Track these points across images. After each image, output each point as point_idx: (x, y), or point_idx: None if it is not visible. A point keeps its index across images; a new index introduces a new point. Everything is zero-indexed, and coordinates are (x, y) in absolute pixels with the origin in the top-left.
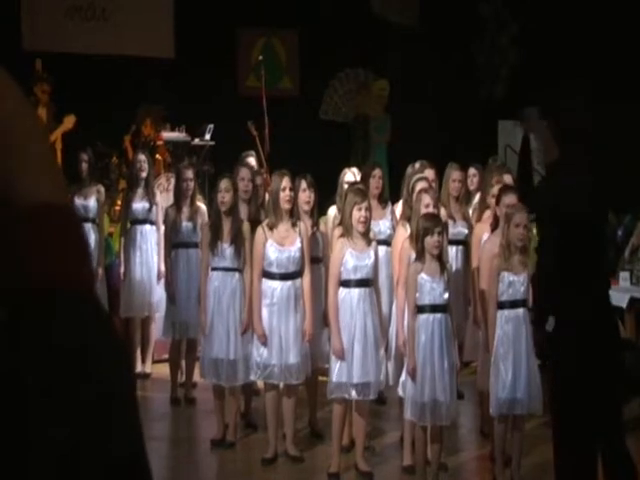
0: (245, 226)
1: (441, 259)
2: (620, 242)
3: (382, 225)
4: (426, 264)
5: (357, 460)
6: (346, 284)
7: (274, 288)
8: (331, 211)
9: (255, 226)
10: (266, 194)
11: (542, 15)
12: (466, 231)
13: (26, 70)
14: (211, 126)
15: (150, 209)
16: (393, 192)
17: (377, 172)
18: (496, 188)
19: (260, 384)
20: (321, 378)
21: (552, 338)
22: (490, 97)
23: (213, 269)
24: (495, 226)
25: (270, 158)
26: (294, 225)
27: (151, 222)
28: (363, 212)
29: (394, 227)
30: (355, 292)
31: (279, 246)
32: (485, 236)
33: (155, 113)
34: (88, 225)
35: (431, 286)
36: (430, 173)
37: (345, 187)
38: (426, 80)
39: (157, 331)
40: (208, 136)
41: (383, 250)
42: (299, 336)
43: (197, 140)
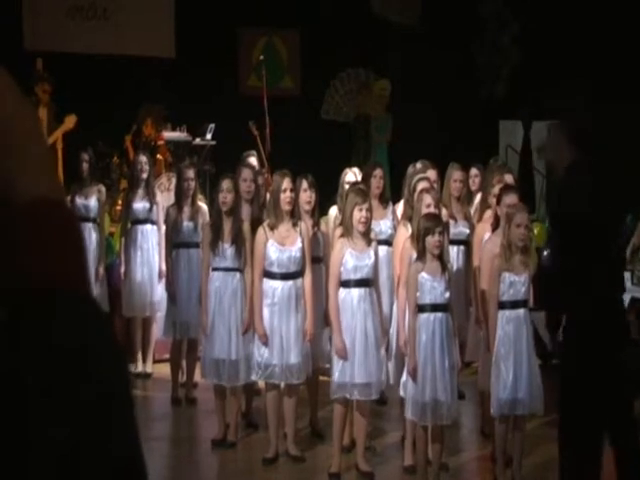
0: (245, 226)
1: (442, 259)
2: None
3: (383, 225)
4: (427, 264)
5: (358, 460)
6: (346, 284)
7: (275, 288)
8: (332, 211)
9: (257, 226)
10: (267, 194)
11: (543, 14)
12: (467, 231)
13: (27, 70)
14: (212, 126)
15: (151, 209)
16: (394, 192)
17: (378, 172)
18: (497, 188)
19: (261, 384)
20: (322, 378)
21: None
22: (491, 97)
23: (214, 269)
24: (496, 226)
25: (271, 158)
26: (295, 225)
27: (152, 222)
28: (364, 212)
29: (395, 227)
30: (355, 292)
31: (280, 246)
32: (486, 236)
33: (156, 113)
34: (89, 225)
35: (432, 285)
36: (432, 173)
37: (346, 187)
38: (427, 80)
39: (158, 331)
40: (209, 136)
41: (384, 250)
42: (300, 336)
43: (198, 140)
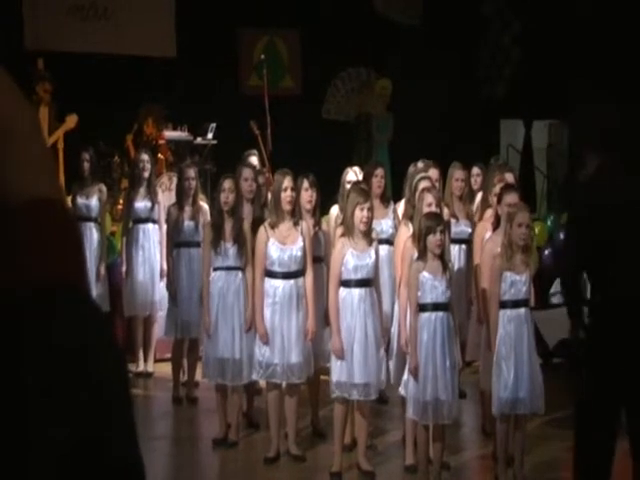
0: (245, 225)
1: (443, 258)
2: None
3: (384, 224)
4: (428, 263)
5: (359, 459)
6: (346, 284)
7: (276, 287)
8: (333, 210)
9: (258, 226)
10: (268, 193)
11: (544, 14)
12: (469, 230)
13: (28, 69)
14: (213, 125)
15: (152, 208)
16: (395, 191)
17: (379, 171)
18: (498, 187)
19: (262, 383)
20: (323, 377)
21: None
22: (492, 96)
23: (216, 269)
24: (497, 225)
25: (272, 157)
26: (296, 224)
27: (153, 221)
28: (365, 212)
29: (396, 226)
30: (356, 292)
31: (281, 245)
32: (487, 235)
33: (157, 112)
34: (90, 224)
35: (433, 284)
36: (434, 173)
37: (347, 186)
38: (428, 79)
39: (159, 330)
40: (210, 135)
41: (385, 249)
42: (301, 335)
43: (199, 139)
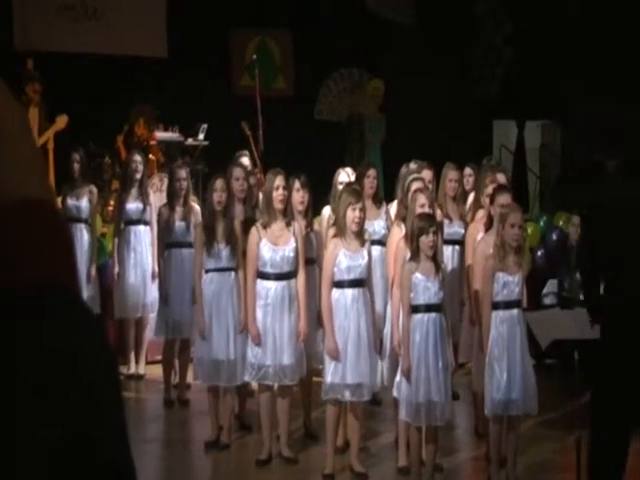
0: (236, 225)
1: (436, 259)
2: None
3: (376, 225)
4: (421, 264)
5: (352, 461)
6: (339, 285)
7: (268, 288)
8: (325, 211)
9: (249, 226)
10: (260, 194)
11: (536, 14)
12: (462, 231)
13: (18, 70)
14: (204, 126)
15: (144, 209)
16: (387, 192)
17: (372, 172)
18: (490, 188)
19: (254, 385)
20: (316, 379)
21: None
22: (485, 96)
23: (208, 270)
24: (489, 226)
25: (264, 158)
26: (288, 225)
27: (145, 222)
28: (357, 212)
29: (389, 227)
30: (349, 293)
31: (273, 245)
32: (479, 236)
33: (148, 113)
34: (80, 225)
35: (425, 285)
36: (427, 174)
37: (339, 187)
38: (421, 79)
39: (150, 331)
40: (202, 136)
41: (378, 250)
42: (293, 337)
43: (190, 140)
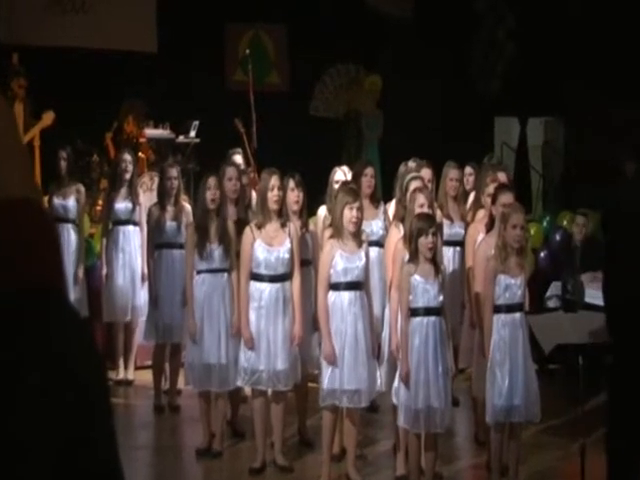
0: (230, 225)
1: (435, 261)
2: None
3: (374, 225)
4: (420, 265)
5: (348, 470)
6: (336, 287)
7: (262, 290)
8: (321, 211)
9: (242, 227)
10: (253, 193)
11: (538, 8)
12: (464, 232)
13: (2, 64)
14: (196, 123)
15: (133, 209)
16: (385, 191)
17: (369, 171)
18: (491, 187)
19: (247, 390)
20: (311, 384)
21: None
22: (486, 92)
23: (200, 271)
24: (490, 226)
25: (257, 156)
26: (283, 225)
27: (134, 223)
28: (354, 212)
29: (387, 228)
30: (345, 295)
31: (267, 246)
32: (480, 237)
33: (138, 109)
34: (68, 226)
35: (424, 288)
36: (427, 173)
37: (335, 186)
38: (420, 75)
39: (140, 335)
40: (193, 133)
41: (375, 251)
42: (288, 341)
43: (182, 137)
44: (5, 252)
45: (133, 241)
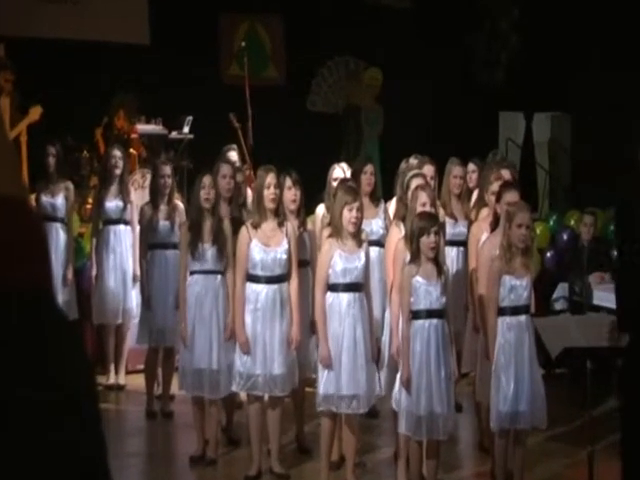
0: (226, 224)
1: (437, 261)
2: None
3: (374, 225)
4: (421, 266)
5: (347, 478)
6: (334, 288)
7: (258, 292)
8: (319, 210)
9: (237, 226)
10: (248, 191)
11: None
12: (467, 231)
13: None
14: (190, 118)
15: (124, 208)
16: (386, 189)
17: (369, 168)
18: (495, 185)
19: (243, 396)
20: (308, 389)
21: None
22: (490, 86)
23: (193, 272)
24: (495, 225)
25: (253, 153)
26: (280, 225)
27: (125, 222)
28: (354, 212)
29: (387, 227)
30: (344, 297)
31: (264, 246)
32: (483, 236)
33: (129, 104)
34: (56, 225)
35: (427, 290)
36: (429, 170)
37: (334, 184)
38: (421, 68)
39: (132, 339)
40: (187, 129)
41: (375, 251)
42: (285, 344)
43: (175, 133)
44: None
45: (124, 241)
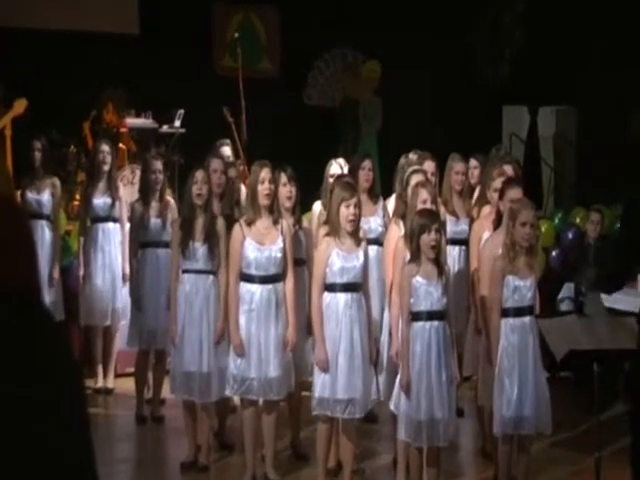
0: (219, 222)
1: (438, 260)
2: None
3: (373, 222)
4: (422, 266)
5: None
6: (331, 288)
7: (253, 292)
8: (316, 207)
9: (229, 224)
10: (242, 188)
11: None
12: (469, 229)
13: None
14: (181, 111)
15: (113, 205)
16: (385, 186)
17: (367, 163)
18: (498, 181)
19: (236, 400)
20: (305, 393)
21: None
22: (493, 79)
23: (184, 271)
24: (498, 224)
25: (247, 148)
26: (275, 222)
27: (114, 219)
28: (352, 209)
29: (386, 225)
30: (341, 297)
31: (258, 245)
32: (485, 235)
33: (118, 97)
34: (42, 222)
35: (427, 290)
36: (430, 166)
37: (331, 181)
38: (422, 61)
39: (121, 341)
40: (178, 123)
41: (374, 250)
42: (280, 346)
43: (165, 127)
44: None
45: (113, 239)
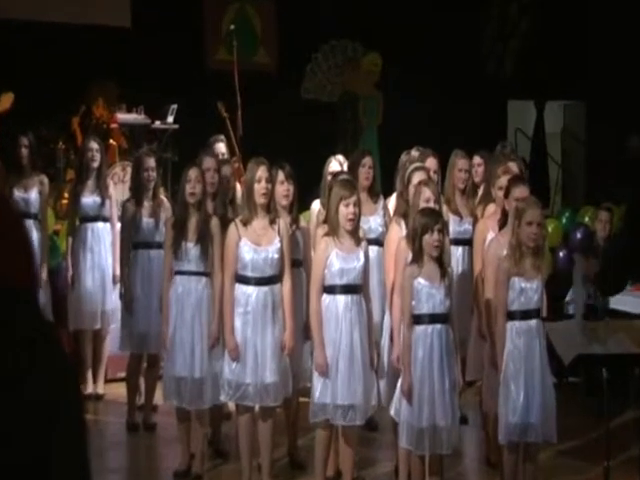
0: (214, 222)
1: (441, 261)
2: None
3: (373, 222)
4: (424, 267)
5: None
6: (330, 290)
7: (249, 294)
8: (314, 206)
9: (223, 224)
10: (238, 186)
11: None
12: (473, 229)
13: None
14: (174, 107)
15: (102, 204)
16: (385, 184)
17: (367, 161)
18: (503, 179)
19: (231, 406)
20: (303, 399)
21: None
22: (498, 73)
23: (177, 273)
24: (503, 223)
25: (243, 144)
26: (272, 222)
27: (104, 219)
28: (351, 208)
29: (387, 224)
30: (341, 299)
31: (254, 245)
32: (490, 235)
33: (108, 91)
34: (29, 221)
35: (429, 292)
36: (432, 162)
37: (330, 178)
38: (424, 54)
39: (112, 345)
40: (171, 118)
41: (374, 251)
42: (277, 351)
43: (158, 123)
44: None
45: (103, 239)
